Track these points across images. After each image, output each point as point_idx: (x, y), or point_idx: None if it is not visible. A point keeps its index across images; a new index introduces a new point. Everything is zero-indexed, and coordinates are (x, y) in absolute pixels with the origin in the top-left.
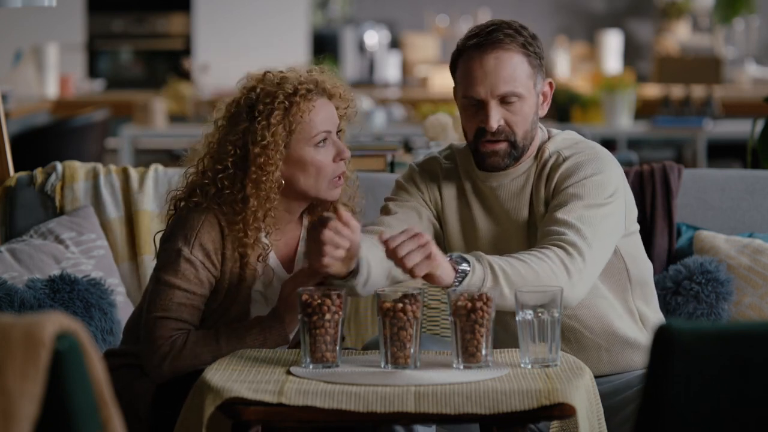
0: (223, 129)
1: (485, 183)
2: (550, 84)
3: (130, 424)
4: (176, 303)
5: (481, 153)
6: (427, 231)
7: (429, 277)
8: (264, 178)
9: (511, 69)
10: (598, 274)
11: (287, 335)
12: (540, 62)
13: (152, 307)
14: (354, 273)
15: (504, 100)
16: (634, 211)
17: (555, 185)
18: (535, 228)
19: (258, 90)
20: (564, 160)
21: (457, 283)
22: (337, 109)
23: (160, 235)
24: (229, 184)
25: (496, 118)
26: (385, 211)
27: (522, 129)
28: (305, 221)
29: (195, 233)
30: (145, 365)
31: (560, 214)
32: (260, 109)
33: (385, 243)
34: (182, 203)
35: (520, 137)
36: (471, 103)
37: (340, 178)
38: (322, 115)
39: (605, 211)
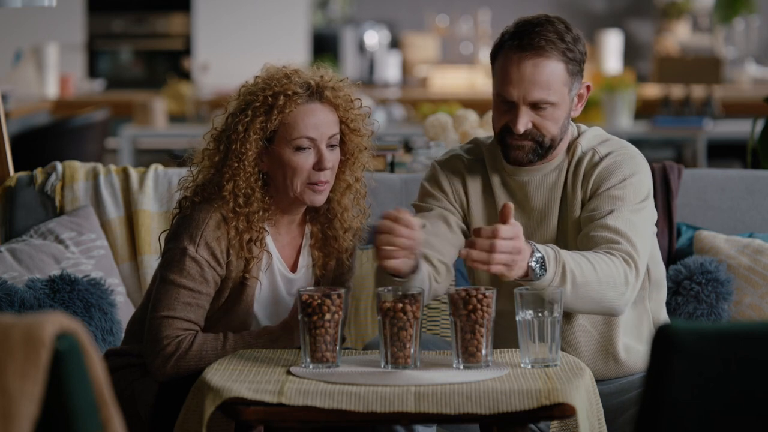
0: (226, 117)
1: (514, 177)
2: (588, 87)
3: (131, 425)
4: (182, 302)
5: (506, 144)
6: (457, 238)
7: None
8: (239, 166)
9: (547, 77)
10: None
11: (295, 347)
12: (579, 67)
13: (157, 306)
14: (415, 270)
15: (535, 106)
16: (655, 212)
17: (593, 184)
18: (564, 225)
19: (258, 80)
20: (601, 159)
21: (528, 279)
22: (344, 121)
23: (165, 234)
24: (216, 171)
25: (524, 122)
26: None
27: (550, 133)
28: (308, 229)
29: (200, 232)
30: (148, 364)
31: (610, 221)
32: (249, 100)
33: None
34: (187, 202)
35: (547, 139)
36: (503, 101)
37: (319, 184)
38: (307, 122)
39: (645, 215)
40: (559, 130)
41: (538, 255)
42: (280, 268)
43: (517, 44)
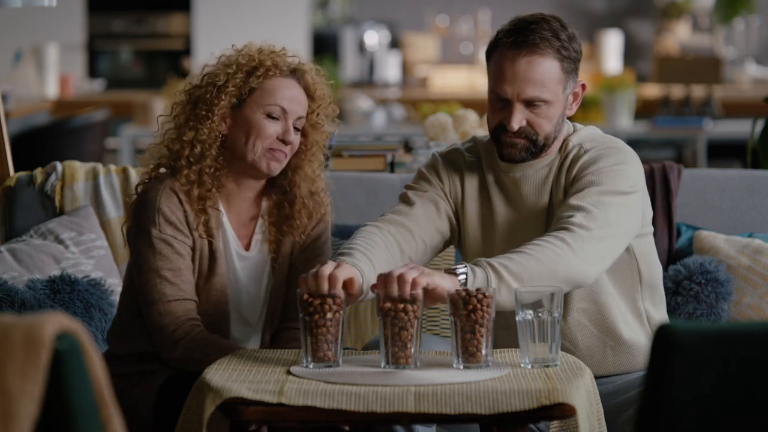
0: (203, 78)
1: (508, 174)
2: (583, 86)
3: (133, 426)
4: (168, 284)
5: (501, 142)
6: (443, 224)
7: (432, 293)
8: (207, 115)
9: (541, 74)
10: (610, 256)
11: None
12: (574, 65)
13: (148, 298)
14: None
15: (529, 103)
16: (650, 213)
17: (575, 174)
18: (552, 219)
19: (244, 50)
20: (585, 151)
21: (462, 287)
22: (313, 111)
23: (126, 225)
24: (176, 137)
25: (518, 119)
26: (405, 199)
27: (544, 130)
28: (264, 204)
29: (156, 210)
30: (160, 352)
31: (574, 200)
32: (233, 61)
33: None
34: (140, 184)
35: (541, 137)
36: (497, 99)
37: (278, 151)
38: (284, 93)
39: (622, 200)
40: (553, 128)
41: (446, 268)
42: (235, 247)
43: (512, 41)
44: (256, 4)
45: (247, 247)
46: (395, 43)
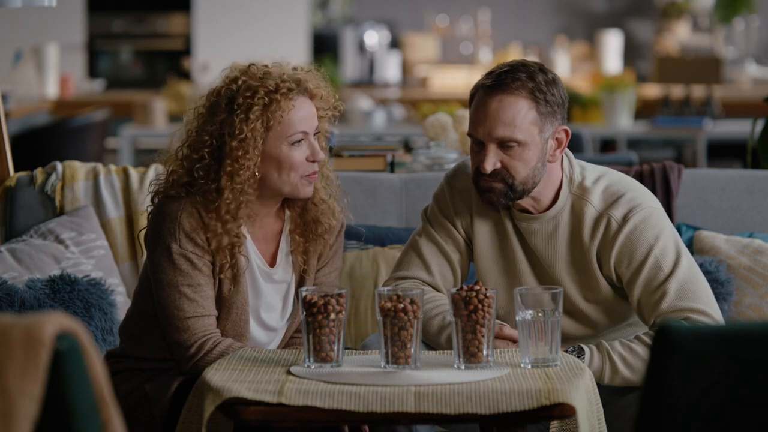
0: (201, 118)
1: (518, 222)
2: (566, 131)
3: (142, 425)
4: (187, 301)
5: (479, 187)
6: (460, 263)
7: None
8: (240, 171)
9: (513, 114)
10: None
11: None
12: (553, 109)
13: (166, 312)
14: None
15: (503, 144)
16: (684, 246)
17: (625, 256)
18: (579, 264)
19: (240, 82)
20: (619, 225)
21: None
22: (317, 110)
23: (143, 233)
24: (204, 174)
25: (491, 161)
26: (418, 254)
27: (521, 174)
28: (287, 215)
29: (177, 225)
30: (177, 364)
31: (666, 305)
32: (239, 102)
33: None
34: (159, 197)
35: (518, 181)
36: (474, 142)
37: (312, 175)
38: (300, 115)
39: (685, 262)
40: (530, 172)
41: (571, 348)
42: (259, 263)
43: (487, 84)
44: (256, 4)
45: (272, 264)
46: (395, 43)
